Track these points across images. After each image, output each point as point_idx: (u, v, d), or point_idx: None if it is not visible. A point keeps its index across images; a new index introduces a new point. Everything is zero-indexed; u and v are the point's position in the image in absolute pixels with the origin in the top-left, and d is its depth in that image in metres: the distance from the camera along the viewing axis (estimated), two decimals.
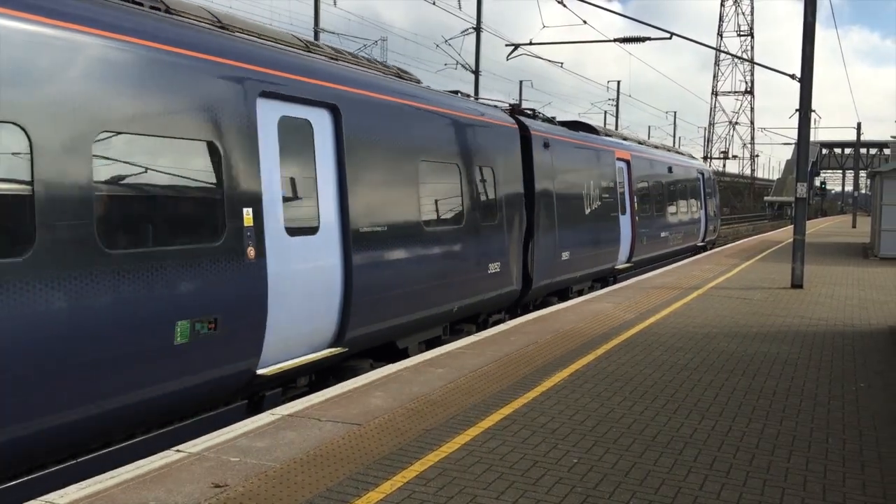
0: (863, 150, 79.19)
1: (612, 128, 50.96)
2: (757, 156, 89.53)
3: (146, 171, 6.15)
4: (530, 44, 26.35)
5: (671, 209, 22.71)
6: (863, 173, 64.37)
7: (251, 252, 7.03)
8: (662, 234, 21.69)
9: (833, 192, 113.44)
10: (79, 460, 5.81)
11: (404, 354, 9.87)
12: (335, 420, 6.34)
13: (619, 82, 57.46)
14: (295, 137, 7.93)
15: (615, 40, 24.96)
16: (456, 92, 13.26)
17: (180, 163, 6.46)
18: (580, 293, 16.28)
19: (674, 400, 7.18)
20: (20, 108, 5.15)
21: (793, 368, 8.56)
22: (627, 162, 19.14)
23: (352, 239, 8.47)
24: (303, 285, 7.81)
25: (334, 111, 8.48)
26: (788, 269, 16.59)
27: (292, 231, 7.71)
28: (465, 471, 5.28)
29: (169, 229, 6.27)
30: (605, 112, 59.05)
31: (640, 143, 22.86)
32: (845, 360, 9.08)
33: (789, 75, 17.94)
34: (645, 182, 20.29)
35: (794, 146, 64.29)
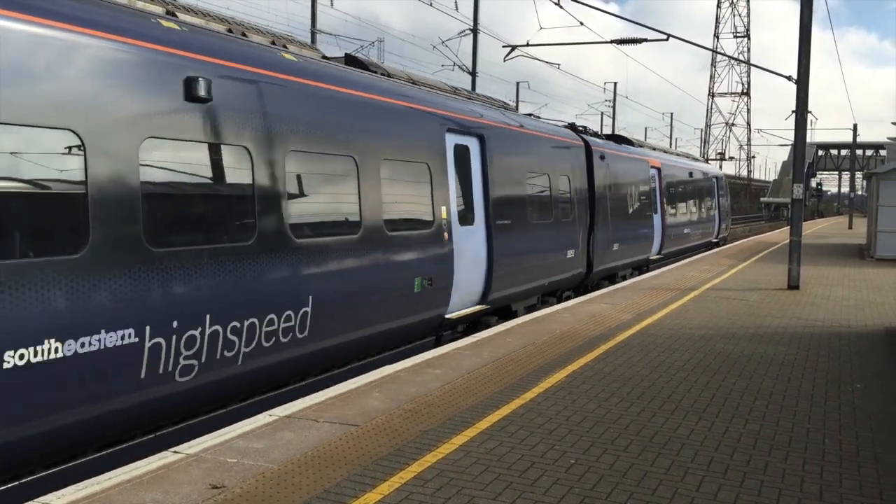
0: (859, 152, 79.30)
1: (610, 130, 51.55)
2: (753, 157, 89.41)
3: (399, 184, 9.68)
4: (527, 45, 26.38)
5: (692, 209, 26.20)
6: (859, 174, 64.45)
7: (445, 236, 10.64)
8: (685, 231, 25.11)
9: (829, 193, 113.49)
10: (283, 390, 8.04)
11: (514, 315, 13.18)
12: (332, 421, 6.34)
13: (615, 83, 57.40)
14: (461, 159, 11.46)
15: (612, 42, 24.96)
16: (530, 114, 16.94)
17: (415, 178, 10.06)
18: (623, 278, 19.46)
19: (671, 401, 7.19)
20: (353, 145, 8.79)
21: (789, 369, 8.57)
22: (658, 169, 22.18)
23: (493, 229, 11.99)
24: (467, 259, 11.31)
25: (481, 139, 12.04)
26: (785, 271, 16.63)
27: (461, 222, 11.23)
28: (462, 472, 5.29)
29: (413, 220, 9.92)
30: (602, 113, 59.07)
31: (665, 151, 26.28)
32: (842, 361, 9.10)
33: (786, 77, 17.97)
34: (671, 186, 23.48)
35: (790, 147, 64.37)
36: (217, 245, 6.75)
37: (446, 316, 10.79)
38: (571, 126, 17.81)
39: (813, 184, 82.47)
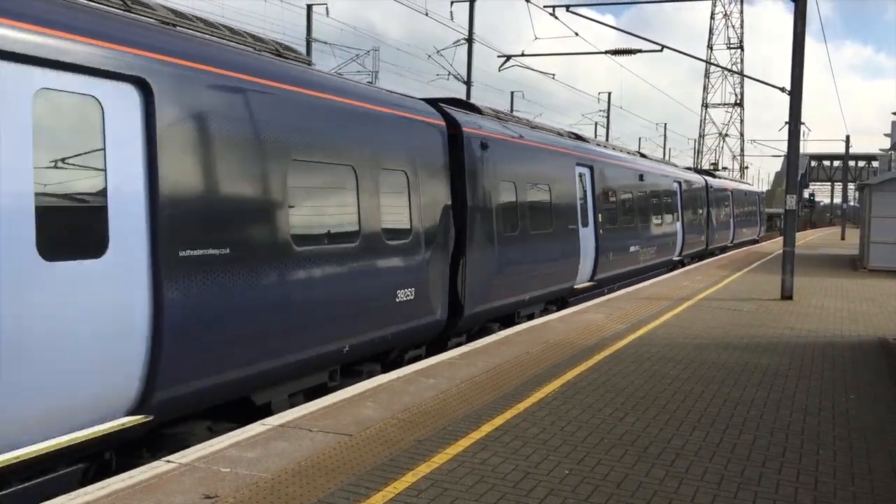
0: (851, 163, 79.58)
1: (604, 139, 52.55)
2: (746, 167, 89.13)
3: (667, 206, 23.83)
4: (522, 55, 26.46)
5: (746, 217, 41.05)
6: (851, 185, 64.74)
7: (677, 226, 25.09)
8: (744, 230, 39.82)
9: (822, 203, 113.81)
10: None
11: (682, 265, 25.95)
12: (326, 430, 6.31)
13: (609, 93, 57.40)
14: (676, 193, 25.62)
15: (606, 52, 25.06)
16: (642, 155, 27.94)
17: (670, 202, 24.14)
18: (715, 254, 32.12)
19: (665, 411, 7.19)
20: (663, 195, 24.02)
21: (783, 380, 8.58)
22: (731, 192, 36.26)
23: (685, 225, 26.23)
24: (679, 235, 25.44)
25: (679, 184, 25.84)
26: (778, 281, 16.66)
27: (672, 221, 24.64)
28: (456, 482, 5.27)
29: (669, 221, 23.77)
30: (596, 123, 59.06)
31: (731, 180, 41.53)
32: (835, 371, 9.11)
33: (779, 88, 18.04)
34: (737, 203, 37.72)
35: (783, 158, 64.65)
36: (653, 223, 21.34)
37: (673, 258, 24.56)
38: (694, 168, 37.47)
39: (805, 194, 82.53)
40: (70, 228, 5.44)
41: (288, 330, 7.39)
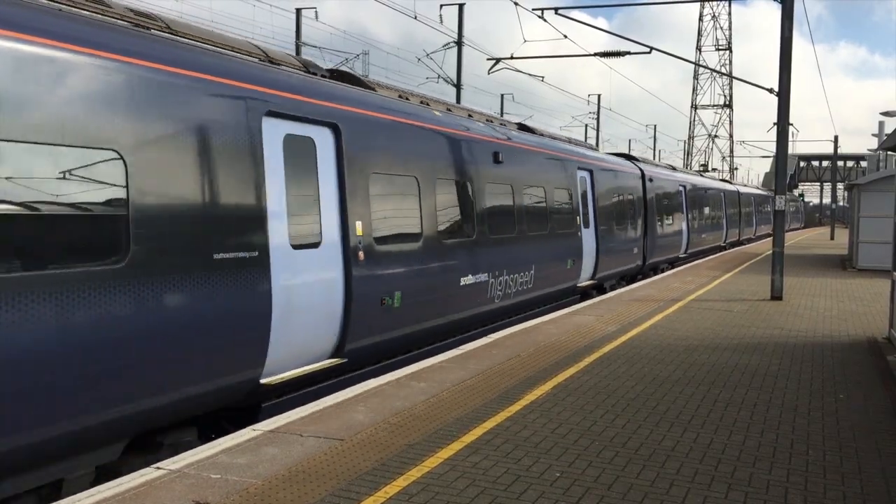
0: (841, 163, 80.00)
1: (593, 142, 53.19)
2: (736, 168, 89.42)
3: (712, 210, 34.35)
4: (511, 58, 26.50)
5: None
6: (840, 185, 65.10)
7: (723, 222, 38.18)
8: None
9: (811, 204, 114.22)
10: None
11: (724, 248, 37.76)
12: (317, 435, 6.30)
13: (599, 96, 57.47)
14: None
15: (595, 54, 25.12)
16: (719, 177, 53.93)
17: (718, 208, 35.28)
18: (754, 240, 47.00)
19: (655, 412, 7.20)
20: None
21: (773, 380, 8.61)
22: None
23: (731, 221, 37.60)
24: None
25: (723, 193, 37.86)
26: (768, 281, 16.73)
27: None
28: (447, 486, 5.27)
29: (718, 226, 35.88)
30: (586, 125, 59.16)
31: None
32: (825, 371, 9.15)
33: (767, 89, 18.12)
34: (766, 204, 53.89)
35: (772, 159, 65.00)
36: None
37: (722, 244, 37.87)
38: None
39: (794, 194, 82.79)
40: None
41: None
